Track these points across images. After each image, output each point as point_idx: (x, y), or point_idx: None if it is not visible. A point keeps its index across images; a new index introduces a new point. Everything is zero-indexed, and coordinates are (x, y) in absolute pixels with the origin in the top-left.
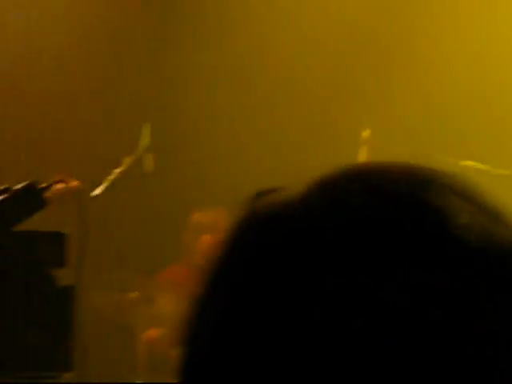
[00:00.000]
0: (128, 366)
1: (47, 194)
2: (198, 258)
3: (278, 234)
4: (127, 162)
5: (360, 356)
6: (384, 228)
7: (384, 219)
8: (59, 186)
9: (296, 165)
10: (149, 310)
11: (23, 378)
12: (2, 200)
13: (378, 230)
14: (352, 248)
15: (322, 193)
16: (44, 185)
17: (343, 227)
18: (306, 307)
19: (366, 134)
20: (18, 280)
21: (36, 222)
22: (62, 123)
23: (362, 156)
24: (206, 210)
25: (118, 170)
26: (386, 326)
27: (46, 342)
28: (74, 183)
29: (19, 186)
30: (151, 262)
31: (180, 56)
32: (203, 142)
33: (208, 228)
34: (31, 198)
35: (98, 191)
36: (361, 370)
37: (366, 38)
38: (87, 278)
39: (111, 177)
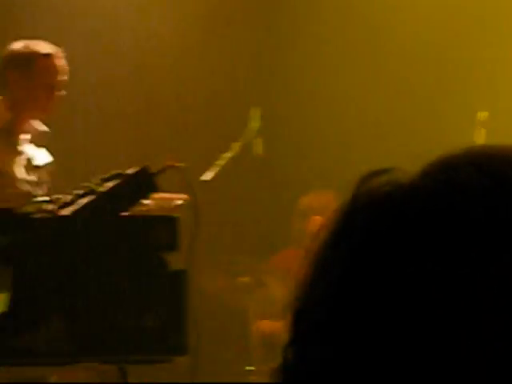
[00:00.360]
0: (241, 350)
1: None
2: (307, 242)
3: (390, 216)
4: (236, 146)
5: (477, 330)
6: (500, 211)
7: (499, 203)
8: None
9: (410, 147)
10: (261, 295)
11: (137, 361)
12: (115, 185)
13: (493, 213)
14: (468, 231)
15: (437, 175)
16: (156, 170)
17: (459, 209)
18: (421, 290)
19: (482, 115)
20: (130, 264)
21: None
22: (173, 108)
23: (479, 138)
24: (315, 194)
25: (227, 155)
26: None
27: (159, 326)
28: (184, 168)
29: (131, 170)
30: (263, 246)
31: (289, 40)
32: (313, 126)
33: (317, 211)
34: (143, 183)
35: (207, 176)
36: (477, 343)
37: (480, 16)
38: (199, 263)
39: (221, 162)
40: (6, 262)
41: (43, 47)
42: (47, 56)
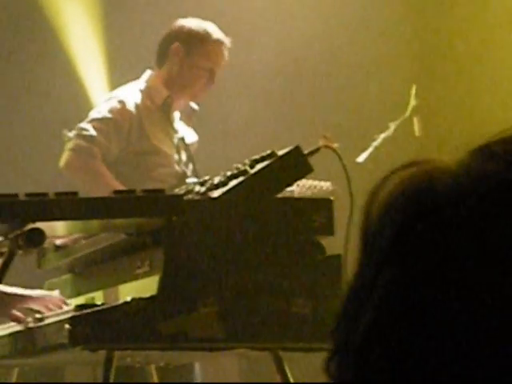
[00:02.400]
0: None
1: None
2: None
3: (432, 202)
4: (393, 126)
5: None
6: None
7: None
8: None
9: None
10: None
11: (292, 349)
12: (266, 166)
13: None
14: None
15: (481, 161)
16: (309, 150)
17: (503, 197)
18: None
19: None
20: (284, 247)
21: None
22: (328, 87)
23: None
24: None
25: (383, 135)
26: None
27: (314, 313)
28: (338, 148)
29: (284, 151)
30: None
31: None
32: (474, 103)
33: None
34: (296, 164)
35: (363, 157)
36: None
37: None
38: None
39: (376, 142)
40: (157, 243)
41: (216, 31)
42: (218, 41)
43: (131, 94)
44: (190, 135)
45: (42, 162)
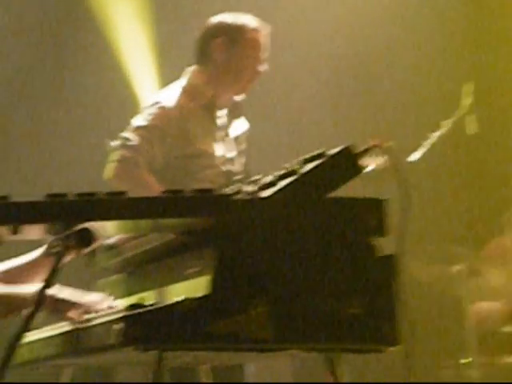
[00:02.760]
0: (456, 341)
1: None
2: None
3: None
4: (447, 124)
5: None
6: None
7: None
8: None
9: None
10: (476, 284)
11: (345, 350)
12: (316, 166)
13: None
14: None
15: None
16: (360, 150)
17: None
18: None
19: None
20: (335, 248)
21: (353, 189)
22: (382, 86)
23: None
24: None
25: (437, 134)
26: None
27: (368, 314)
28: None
29: (334, 150)
30: (476, 232)
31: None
32: None
33: None
34: (346, 164)
35: (415, 156)
36: None
37: None
38: (409, 249)
39: (430, 141)
40: (208, 243)
41: (251, 21)
42: (256, 30)
43: (173, 97)
44: (238, 126)
45: (87, 165)
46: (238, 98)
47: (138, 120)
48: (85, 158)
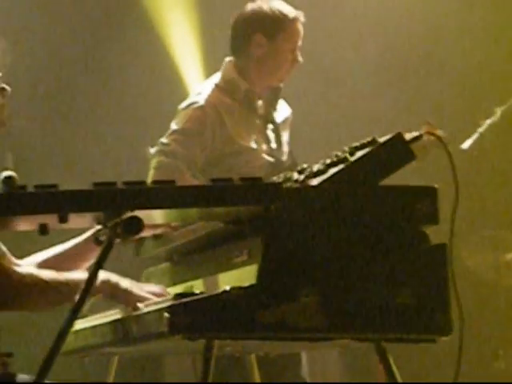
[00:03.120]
0: (509, 331)
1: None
2: None
3: None
4: (500, 111)
5: None
6: None
7: None
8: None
9: None
10: None
11: (397, 340)
12: (366, 153)
13: None
14: None
15: None
16: (412, 136)
17: None
18: None
19: None
20: (387, 237)
21: (406, 176)
22: (434, 72)
23: None
24: None
25: (489, 121)
26: None
27: (419, 303)
28: (442, 135)
29: (385, 138)
30: None
31: None
32: None
33: None
34: (398, 151)
35: (467, 144)
36: None
37: None
38: (461, 237)
39: (482, 128)
40: (256, 232)
41: (290, 10)
42: (294, 20)
43: (209, 95)
44: (280, 113)
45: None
46: (275, 86)
47: (175, 124)
48: (133, 154)
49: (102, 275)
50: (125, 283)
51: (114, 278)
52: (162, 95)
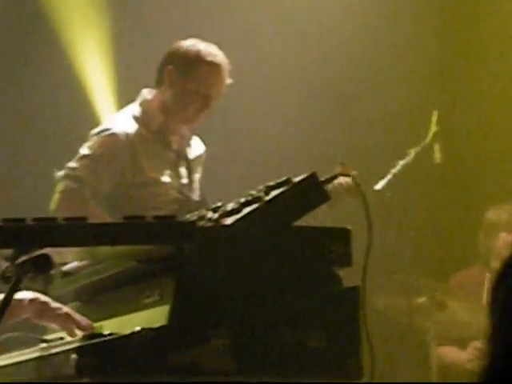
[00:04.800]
0: (419, 373)
1: (329, 188)
2: (494, 260)
3: None
4: (413, 153)
5: None
6: None
7: None
8: (341, 179)
9: None
10: (442, 317)
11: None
12: (281, 193)
13: None
14: None
15: None
16: (326, 177)
17: None
18: None
19: None
20: (299, 278)
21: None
22: (345, 113)
23: None
24: (503, 207)
25: (402, 162)
26: None
27: (330, 347)
28: (356, 176)
29: (300, 178)
30: (441, 264)
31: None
32: (499, 130)
33: (505, 226)
34: (312, 191)
35: (381, 185)
36: None
37: None
38: (373, 281)
39: (395, 169)
40: (168, 271)
41: (211, 54)
42: (211, 64)
43: (124, 123)
44: (194, 149)
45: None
46: (189, 126)
47: (85, 148)
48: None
49: (30, 295)
50: (56, 303)
51: (43, 297)
52: (72, 119)
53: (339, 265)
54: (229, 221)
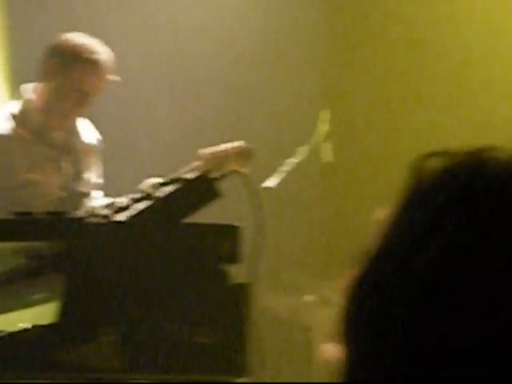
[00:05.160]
0: (304, 370)
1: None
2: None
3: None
4: (303, 151)
5: None
6: None
7: None
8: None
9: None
10: (327, 315)
11: (193, 381)
12: (173, 190)
13: None
14: None
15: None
16: (217, 175)
17: None
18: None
19: None
20: (188, 275)
21: (208, 214)
22: (238, 111)
23: None
24: (391, 206)
25: (292, 161)
26: None
27: (217, 344)
28: (247, 173)
29: (191, 175)
30: (329, 263)
31: (359, 42)
32: (388, 130)
33: None
34: (203, 189)
35: (271, 183)
36: None
37: None
38: (262, 278)
39: (285, 168)
40: (57, 269)
41: (89, 51)
42: (88, 61)
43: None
44: (85, 139)
45: None
46: (71, 119)
47: None
48: None
49: None
50: None
51: None
52: None
53: (227, 262)
54: (120, 217)
